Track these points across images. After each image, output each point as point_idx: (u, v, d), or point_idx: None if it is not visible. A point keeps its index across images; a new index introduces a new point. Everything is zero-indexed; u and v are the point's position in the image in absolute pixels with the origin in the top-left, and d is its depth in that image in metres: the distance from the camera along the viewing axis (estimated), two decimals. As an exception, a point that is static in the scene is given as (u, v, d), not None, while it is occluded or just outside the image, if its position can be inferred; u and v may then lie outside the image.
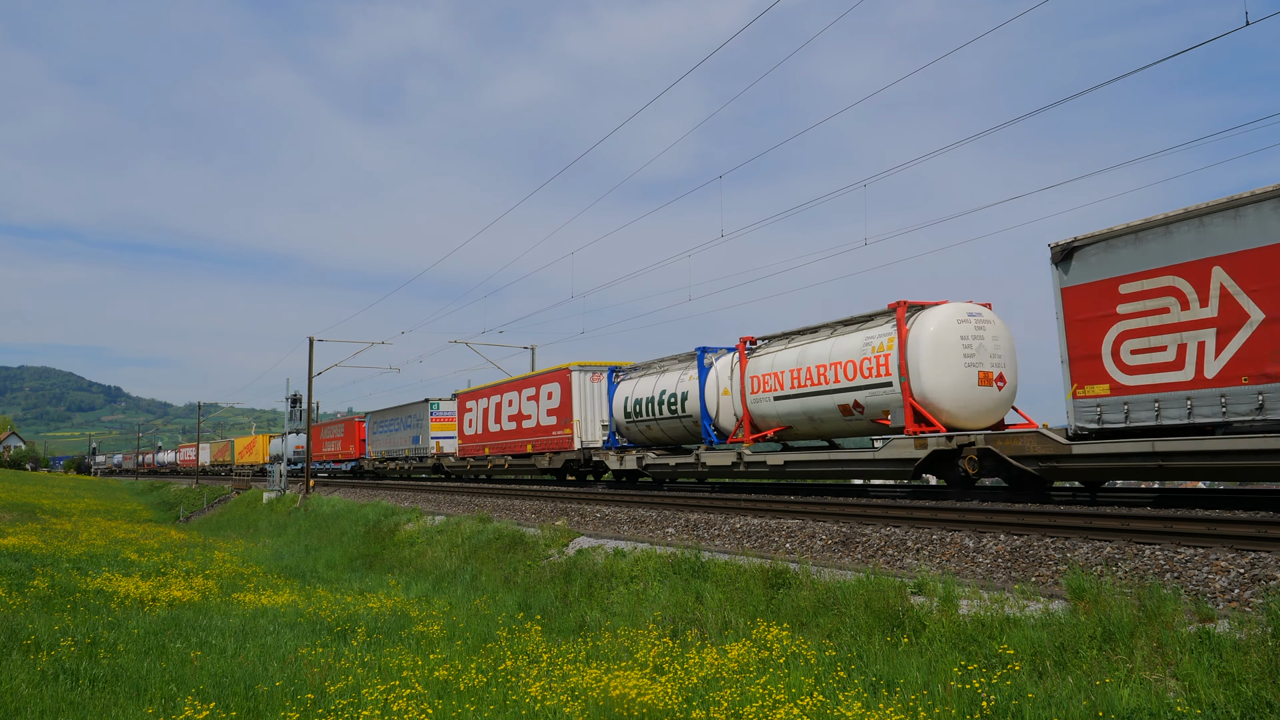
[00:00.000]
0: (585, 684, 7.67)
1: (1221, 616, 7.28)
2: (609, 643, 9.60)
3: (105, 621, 11.03)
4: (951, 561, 11.10)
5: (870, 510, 14.09)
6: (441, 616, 12.00)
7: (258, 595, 14.29)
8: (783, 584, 10.78)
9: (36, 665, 8.43)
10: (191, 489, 66.50)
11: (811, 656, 8.22)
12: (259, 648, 9.70)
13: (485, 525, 20.10)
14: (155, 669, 8.48)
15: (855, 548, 12.62)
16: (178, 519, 50.24)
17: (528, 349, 45.23)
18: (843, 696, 6.87)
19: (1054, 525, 11.16)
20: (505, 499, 25.82)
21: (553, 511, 21.31)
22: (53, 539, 23.14)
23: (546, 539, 16.99)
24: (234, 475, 77.03)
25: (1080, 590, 8.13)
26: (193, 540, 27.43)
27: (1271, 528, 9.50)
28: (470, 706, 7.29)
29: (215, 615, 12.08)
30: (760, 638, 8.94)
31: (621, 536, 16.59)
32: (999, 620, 8.10)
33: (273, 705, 7.30)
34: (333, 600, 13.89)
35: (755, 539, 14.41)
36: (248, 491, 50.31)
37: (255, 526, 36.42)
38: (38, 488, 63.69)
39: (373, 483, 43.31)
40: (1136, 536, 10.10)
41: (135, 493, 79.46)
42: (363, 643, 10.13)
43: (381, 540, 23.28)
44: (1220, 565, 8.80)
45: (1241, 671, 6.20)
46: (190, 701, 7.09)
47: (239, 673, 8.31)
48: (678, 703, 7.05)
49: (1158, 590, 7.67)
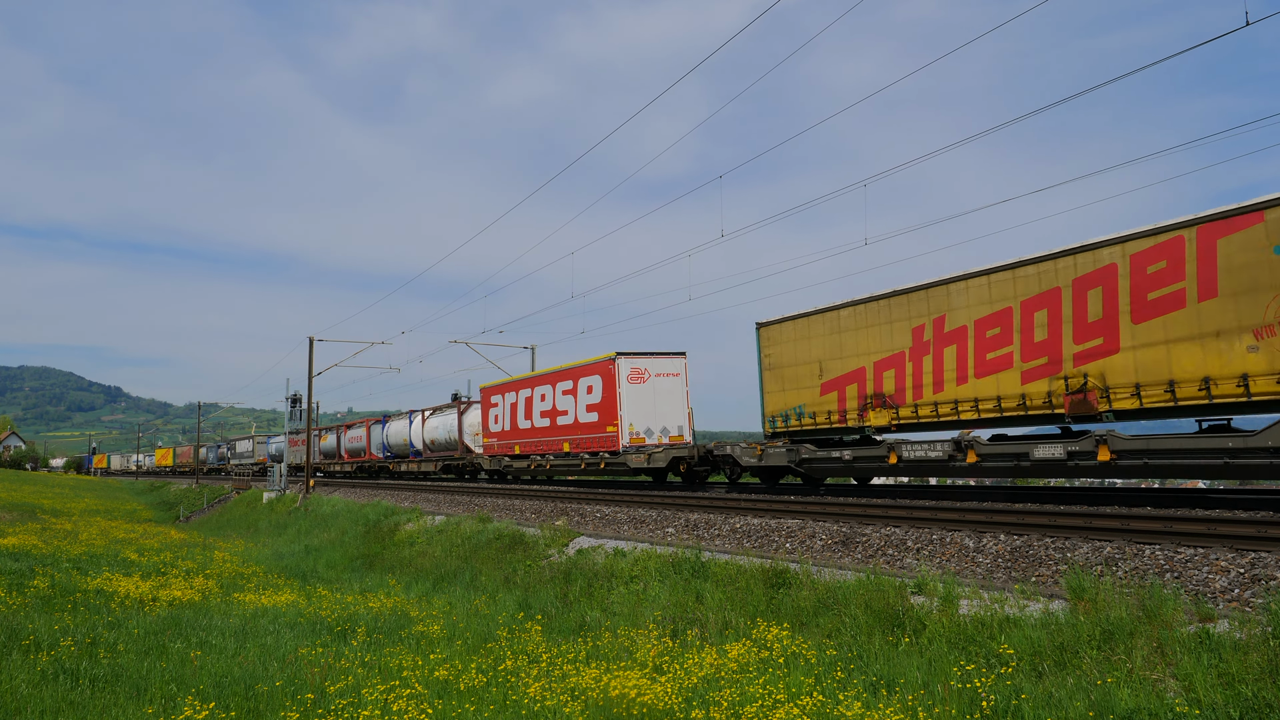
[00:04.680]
0: (585, 684, 7.67)
1: (1221, 616, 7.28)
2: (609, 643, 9.59)
3: (105, 621, 11.02)
4: (951, 561, 11.10)
5: (870, 510, 14.09)
6: (441, 616, 12.00)
7: (258, 595, 14.29)
8: (783, 584, 10.78)
9: (36, 665, 8.43)
10: (192, 489, 66.52)
11: (811, 656, 8.22)
12: (259, 647, 9.70)
13: (485, 525, 20.10)
14: (155, 669, 8.48)
15: (855, 548, 12.62)
16: (178, 519, 50.24)
17: (528, 349, 45.27)
18: (843, 696, 6.87)
19: (1054, 525, 11.16)
20: (505, 499, 25.81)
21: (553, 511, 21.31)
22: (53, 539, 23.14)
23: (546, 539, 16.99)
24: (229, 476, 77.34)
25: (1080, 590, 8.13)
26: (193, 540, 27.44)
27: (1271, 528, 9.51)
28: (470, 706, 7.29)
29: (215, 615, 12.08)
30: (760, 638, 8.94)
31: (621, 536, 16.58)
32: (999, 620, 8.10)
33: (273, 705, 7.30)
34: (333, 600, 13.89)
35: (755, 539, 14.41)
36: (248, 491, 50.30)
37: (255, 526, 36.43)
38: (37, 488, 63.69)
39: (373, 483, 43.31)
40: (1136, 536, 10.11)
41: (135, 493, 79.47)
42: (363, 643, 10.12)
43: (382, 540, 23.28)
44: (1220, 565, 8.80)
45: (1241, 671, 6.20)
46: (190, 701, 7.09)
47: (239, 673, 8.30)
48: (678, 703, 7.04)
49: (1158, 590, 7.66)
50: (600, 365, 25.97)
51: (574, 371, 27.53)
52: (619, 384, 25.11)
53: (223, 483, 68.99)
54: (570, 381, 27.59)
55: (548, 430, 28.98)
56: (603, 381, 25.66)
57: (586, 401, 26.52)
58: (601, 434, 25.54)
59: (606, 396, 25.44)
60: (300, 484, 45.39)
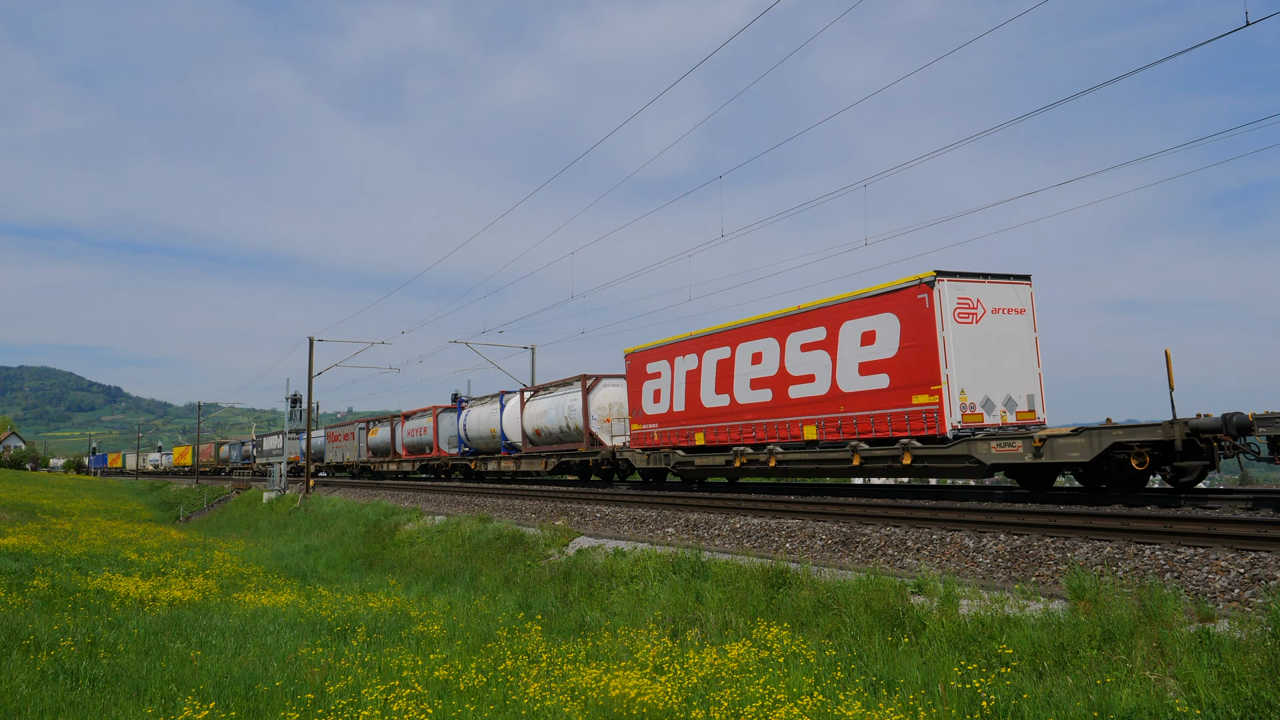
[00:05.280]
0: (585, 684, 7.67)
1: (1221, 616, 7.28)
2: (609, 643, 9.59)
3: (105, 621, 11.02)
4: (951, 561, 11.10)
5: (870, 510, 14.09)
6: (441, 616, 12.00)
7: (258, 595, 14.29)
8: (783, 584, 10.78)
9: (36, 665, 8.43)
10: (191, 489, 66.51)
11: (811, 656, 8.22)
12: (259, 647, 9.70)
13: (485, 525, 20.10)
14: (155, 669, 8.48)
15: (855, 547, 12.62)
16: (178, 519, 50.24)
17: (528, 349, 45.29)
18: (842, 696, 6.87)
19: (1054, 525, 11.16)
20: (505, 499, 25.82)
21: (553, 511, 21.31)
22: (53, 539, 23.14)
23: (546, 539, 17.00)
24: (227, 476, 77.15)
25: (1080, 590, 8.13)
26: (193, 540, 27.43)
27: (1271, 528, 9.50)
28: (470, 706, 7.29)
29: (215, 615, 12.08)
30: (760, 638, 8.93)
31: (622, 536, 16.59)
32: (999, 620, 8.10)
33: (273, 705, 7.29)
34: (333, 600, 13.89)
35: (755, 539, 14.41)
36: (248, 491, 50.31)
37: (255, 526, 36.43)
38: (37, 488, 63.68)
39: (372, 483, 43.31)
40: (1136, 536, 10.11)
41: (135, 493, 79.45)
42: (363, 642, 10.12)
43: (382, 540, 23.28)
44: (1220, 565, 8.80)
45: (1241, 671, 6.19)
46: (190, 701, 7.09)
47: (239, 673, 8.30)
48: (678, 703, 7.04)
49: (1158, 590, 7.66)
50: (897, 296, 16.39)
51: (830, 312, 17.87)
52: (942, 322, 15.54)
53: (222, 483, 68.95)
54: (821, 328, 18.04)
55: (768, 406, 19.37)
56: (901, 322, 16.26)
57: (861, 357, 17.04)
58: (900, 408, 16.24)
59: (913, 344, 16.00)
60: (300, 484, 45.41)
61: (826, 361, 17.81)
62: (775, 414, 19.18)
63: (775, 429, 19.15)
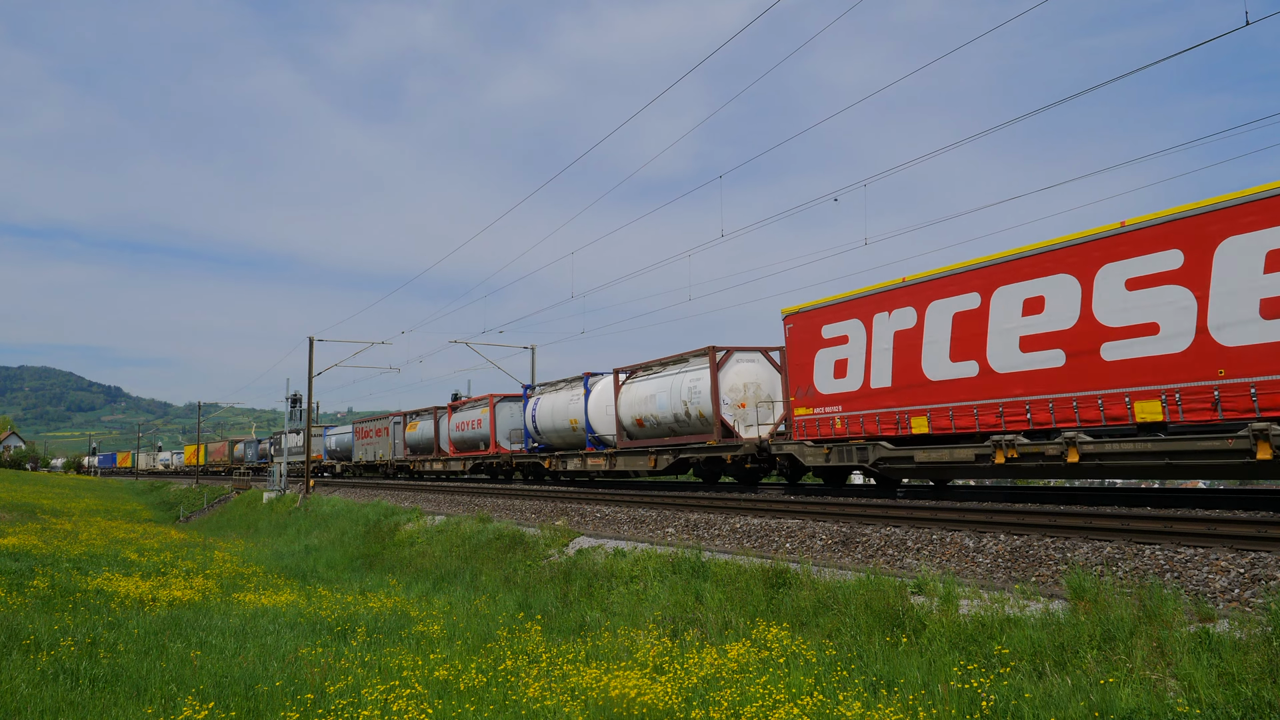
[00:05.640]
0: (585, 684, 7.67)
1: (1221, 616, 7.28)
2: (609, 643, 9.59)
3: (105, 621, 11.02)
4: (951, 561, 11.10)
5: (870, 510, 14.09)
6: (441, 616, 12.00)
7: (258, 595, 14.29)
8: (783, 584, 10.78)
9: (36, 665, 8.43)
10: (191, 489, 66.51)
11: (811, 656, 8.22)
12: (259, 648, 9.70)
13: (485, 525, 20.10)
14: (155, 669, 8.48)
15: (855, 547, 12.62)
16: (178, 519, 50.24)
17: (527, 349, 45.29)
18: (842, 696, 6.87)
19: (1054, 525, 11.16)
20: (505, 499, 25.82)
21: (553, 511, 21.31)
22: (53, 539, 23.14)
23: (546, 539, 16.99)
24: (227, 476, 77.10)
25: (1080, 590, 8.13)
26: (193, 540, 27.43)
27: (1271, 528, 9.50)
28: (470, 706, 7.29)
29: (215, 615, 12.07)
30: (760, 638, 8.94)
31: (622, 536, 16.59)
32: (999, 620, 8.09)
33: (273, 705, 7.30)
34: (333, 600, 13.89)
35: (755, 539, 14.41)
36: (248, 491, 50.31)
37: (255, 526, 36.42)
38: (37, 488, 63.68)
39: (372, 483, 43.30)
40: (1136, 536, 10.11)
41: (135, 493, 79.44)
42: (363, 642, 10.12)
43: (382, 540, 23.28)
44: (1220, 565, 8.80)
45: (1241, 671, 6.19)
46: (190, 701, 7.09)
47: (239, 673, 8.30)
48: (677, 703, 7.04)
49: (1158, 590, 7.66)
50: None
51: (1192, 225, 11.92)
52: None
53: (223, 483, 68.95)
54: (1175, 252, 12.12)
55: (1057, 375, 13.60)
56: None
57: (1263, 290, 11.08)
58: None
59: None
60: (300, 484, 45.42)
61: (1186, 301, 11.95)
62: (1073, 385, 13.38)
63: (1074, 406, 13.30)
